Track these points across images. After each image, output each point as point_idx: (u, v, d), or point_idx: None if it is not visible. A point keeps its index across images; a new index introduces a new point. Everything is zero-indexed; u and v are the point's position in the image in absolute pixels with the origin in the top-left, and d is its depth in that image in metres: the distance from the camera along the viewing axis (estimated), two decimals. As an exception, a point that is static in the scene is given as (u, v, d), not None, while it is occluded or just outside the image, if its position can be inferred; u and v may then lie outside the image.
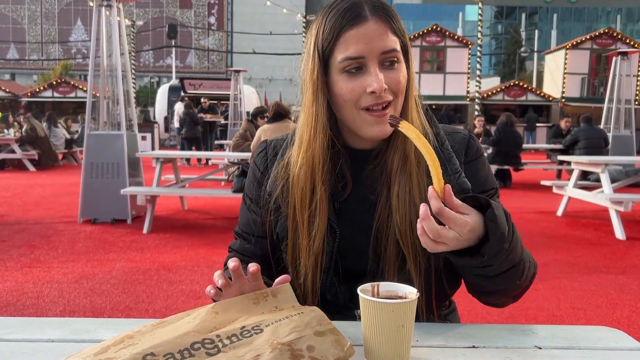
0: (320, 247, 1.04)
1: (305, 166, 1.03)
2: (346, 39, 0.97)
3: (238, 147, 7.27)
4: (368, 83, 0.97)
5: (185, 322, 0.81)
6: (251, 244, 1.16)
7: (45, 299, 3.49)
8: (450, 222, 0.86)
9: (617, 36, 23.10)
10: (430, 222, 0.86)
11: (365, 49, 0.96)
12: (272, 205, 1.09)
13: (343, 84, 0.99)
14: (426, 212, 0.86)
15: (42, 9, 43.01)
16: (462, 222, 0.87)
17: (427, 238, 0.87)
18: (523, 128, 20.73)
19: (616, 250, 5.03)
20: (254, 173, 1.17)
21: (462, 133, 1.12)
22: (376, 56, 0.97)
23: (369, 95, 0.97)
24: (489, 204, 0.90)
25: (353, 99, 0.98)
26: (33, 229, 5.68)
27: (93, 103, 6.22)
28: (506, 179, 9.73)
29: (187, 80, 23.06)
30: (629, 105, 11.12)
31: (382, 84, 0.96)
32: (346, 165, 1.07)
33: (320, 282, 1.05)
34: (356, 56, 0.96)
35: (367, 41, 0.96)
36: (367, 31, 0.96)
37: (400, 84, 0.99)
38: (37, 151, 12.03)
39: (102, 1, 6.11)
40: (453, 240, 0.87)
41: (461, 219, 0.87)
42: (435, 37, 23.04)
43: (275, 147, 1.15)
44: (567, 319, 3.25)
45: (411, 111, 1.04)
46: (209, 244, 5.06)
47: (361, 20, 0.97)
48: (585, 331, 0.95)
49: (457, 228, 0.86)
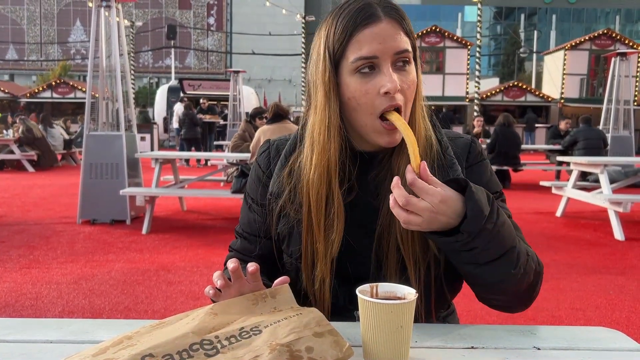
0: (337, 253, 1.03)
1: (320, 169, 1.02)
2: (359, 39, 0.96)
3: (237, 148, 7.28)
4: (382, 84, 0.95)
5: (184, 323, 0.81)
6: (252, 243, 1.16)
7: (44, 299, 3.49)
8: (422, 192, 0.87)
9: (616, 37, 23.12)
10: (399, 190, 0.87)
11: (379, 48, 0.95)
12: (276, 206, 1.09)
13: (356, 85, 0.97)
14: (397, 181, 0.88)
15: (41, 10, 43.00)
16: (433, 192, 0.87)
17: (398, 208, 0.88)
18: (522, 129, 20.75)
19: (615, 250, 5.03)
20: (256, 173, 1.16)
21: (465, 138, 1.12)
22: (390, 56, 0.96)
23: (383, 97, 0.96)
24: (464, 180, 0.91)
25: (367, 102, 0.97)
26: (32, 229, 5.68)
27: (92, 104, 6.23)
28: (505, 180, 9.74)
29: (187, 81, 23.08)
30: (628, 106, 11.13)
31: (397, 84, 0.95)
32: (352, 167, 1.06)
33: (331, 284, 1.05)
34: (370, 56, 0.95)
35: (380, 41, 0.96)
36: (381, 31, 0.96)
37: (410, 88, 0.99)
38: (36, 152, 12.02)
39: (101, 2, 6.11)
40: (425, 212, 0.86)
41: (432, 189, 0.87)
42: (435, 37, 23.06)
43: (278, 147, 1.15)
44: (566, 320, 3.25)
45: (417, 116, 1.04)
46: (208, 244, 5.06)
47: (375, 19, 0.96)
48: (584, 332, 0.95)
49: (429, 198, 0.86)
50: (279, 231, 1.10)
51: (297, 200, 1.06)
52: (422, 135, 1.05)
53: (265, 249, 1.14)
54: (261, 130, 5.69)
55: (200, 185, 8.01)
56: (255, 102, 21.10)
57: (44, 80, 33.60)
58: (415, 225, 0.88)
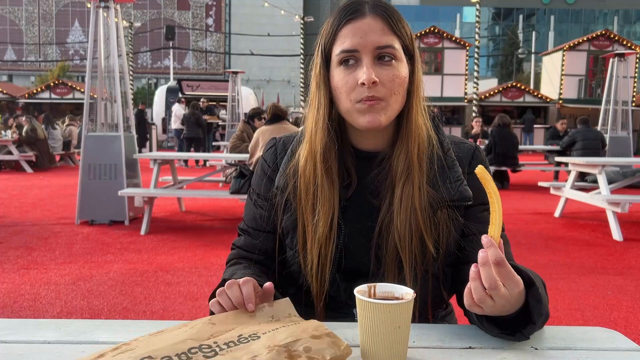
0: (324, 236, 1.05)
1: (309, 155, 1.07)
2: (343, 33, 1.01)
3: (235, 149, 7.27)
4: (359, 76, 0.99)
5: (182, 331, 0.82)
6: (256, 239, 1.16)
7: (42, 300, 3.49)
8: (507, 278, 0.81)
9: (614, 38, 23.16)
10: (490, 269, 0.80)
11: (360, 42, 0.99)
12: (282, 200, 1.10)
13: (339, 76, 1.02)
14: (486, 257, 0.80)
15: (40, 11, 42.97)
16: (517, 280, 0.82)
17: (479, 284, 0.81)
18: (520, 129, 20.79)
19: (613, 251, 5.04)
20: (262, 168, 1.17)
21: (469, 144, 1.14)
22: (370, 50, 0.99)
23: (361, 88, 1.00)
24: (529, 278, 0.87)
25: (347, 90, 1.01)
26: (30, 230, 5.67)
27: (90, 104, 6.22)
28: (504, 180, 9.75)
29: (185, 81, 23.04)
30: (626, 106, 11.15)
31: (372, 76, 0.98)
32: (352, 164, 1.09)
33: (329, 272, 1.06)
34: (351, 49, 1.00)
35: (362, 35, 1.00)
36: (363, 26, 1.00)
37: (393, 81, 1.00)
38: (35, 152, 12.01)
39: (100, 2, 6.10)
40: (501, 298, 0.81)
41: (517, 277, 0.82)
42: (433, 38, 23.08)
43: (284, 143, 1.17)
44: (564, 320, 3.25)
45: (416, 115, 1.05)
46: (207, 245, 5.06)
47: (358, 15, 1.01)
48: (581, 332, 0.95)
49: (510, 285, 0.81)
50: (283, 225, 1.11)
51: (298, 192, 1.08)
52: (422, 134, 1.06)
53: (269, 244, 1.14)
54: (260, 131, 5.69)
55: (199, 186, 8.00)
56: (254, 103, 21.10)
57: (42, 81, 33.56)
58: (486, 307, 0.83)
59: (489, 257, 0.79)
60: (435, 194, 1.04)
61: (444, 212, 1.04)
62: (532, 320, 0.85)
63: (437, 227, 1.03)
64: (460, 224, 1.05)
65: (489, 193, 0.84)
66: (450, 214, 1.04)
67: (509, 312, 0.85)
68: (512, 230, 5.76)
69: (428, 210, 1.03)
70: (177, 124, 14.42)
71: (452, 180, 1.05)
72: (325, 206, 1.05)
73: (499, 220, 0.83)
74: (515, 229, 5.94)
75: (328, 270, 1.06)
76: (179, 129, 14.08)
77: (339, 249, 1.06)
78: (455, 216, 1.04)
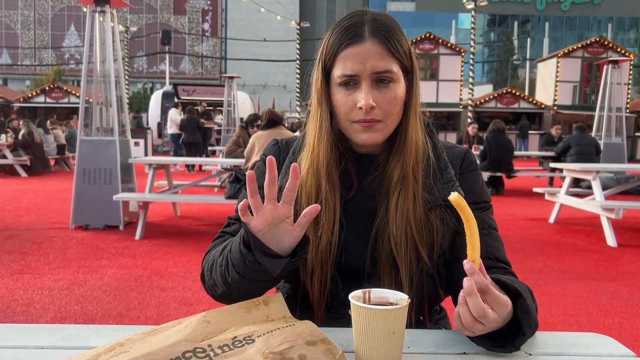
0: (326, 247, 1.06)
1: (311, 168, 1.09)
2: (344, 57, 1.04)
3: (231, 154, 7.26)
4: (358, 99, 1.03)
5: (177, 330, 0.81)
6: None
7: (35, 305, 3.47)
8: (494, 301, 0.83)
9: (608, 45, 23.28)
10: (476, 298, 0.81)
11: (360, 68, 1.02)
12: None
13: (339, 96, 1.06)
14: (472, 286, 0.81)
15: (36, 15, 42.90)
16: (504, 303, 0.84)
17: (467, 310, 0.82)
18: (515, 135, 20.85)
19: (607, 257, 5.05)
20: (264, 163, 1.17)
21: (460, 148, 1.19)
22: (369, 75, 1.03)
23: (359, 110, 1.04)
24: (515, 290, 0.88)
25: (345, 111, 1.06)
26: (24, 235, 5.64)
27: (86, 109, 6.21)
28: (499, 186, 9.77)
29: (181, 86, 23.00)
30: (620, 113, 11.23)
31: (370, 101, 1.02)
32: (352, 167, 1.12)
33: (329, 280, 1.07)
34: (351, 74, 1.03)
35: (361, 61, 1.02)
36: (363, 51, 1.02)
37: (390, 103, 1.04)
38: (30, 157, 11.96)
39: (96, 7, 6.10)
40: (492, 323, 0.83)
41: (505, 299, 0.84)
42: (428, 44, 23.15)
43: (287, 143, 1.20)
44: (559, 326, 3.26)
45: (411, 129, 1.08)
46: (202, 250, 5.03)
47: (359, 39, 1.03)
48: (575, 338, 0.96)
49: (498, 308, 0.83)
50: None
51: (298, 200, 1.08)
52: (418, 145, 1.09)
53: None
54: (255, 136, 5.69)
55: (194, 191, 7.99)
56: (250, 108, 21.08)
57: (37, 85, 33.43)
58: (476, 331, 0.84)
59: (474, 286, 0.80)
60: (428, 197, 1.07)
61: (437, 212, 1.07)
62: (522, 332, 0.86)
63: (431, 232, 1.06)
64: (453, 224, 1.07)
65: (464, 218, 0.84)
66: (443, 214, 1.07)
67: (499, 327, 0.86)
68: (507, 236, 5.77)
69: (423, 218, 1.06)
70: (173, 129, 14.38)
71: (444, 181, 1.09)
72: (329, 219, 1.07)
73: (477, 242, 0.84)
74: (510, 234, 5.96)
75: (329, 274, 1.07)
76: (175, 134, 14.04)
77: (339, 249, 1.08)
78: (447, 216, 1.07)
